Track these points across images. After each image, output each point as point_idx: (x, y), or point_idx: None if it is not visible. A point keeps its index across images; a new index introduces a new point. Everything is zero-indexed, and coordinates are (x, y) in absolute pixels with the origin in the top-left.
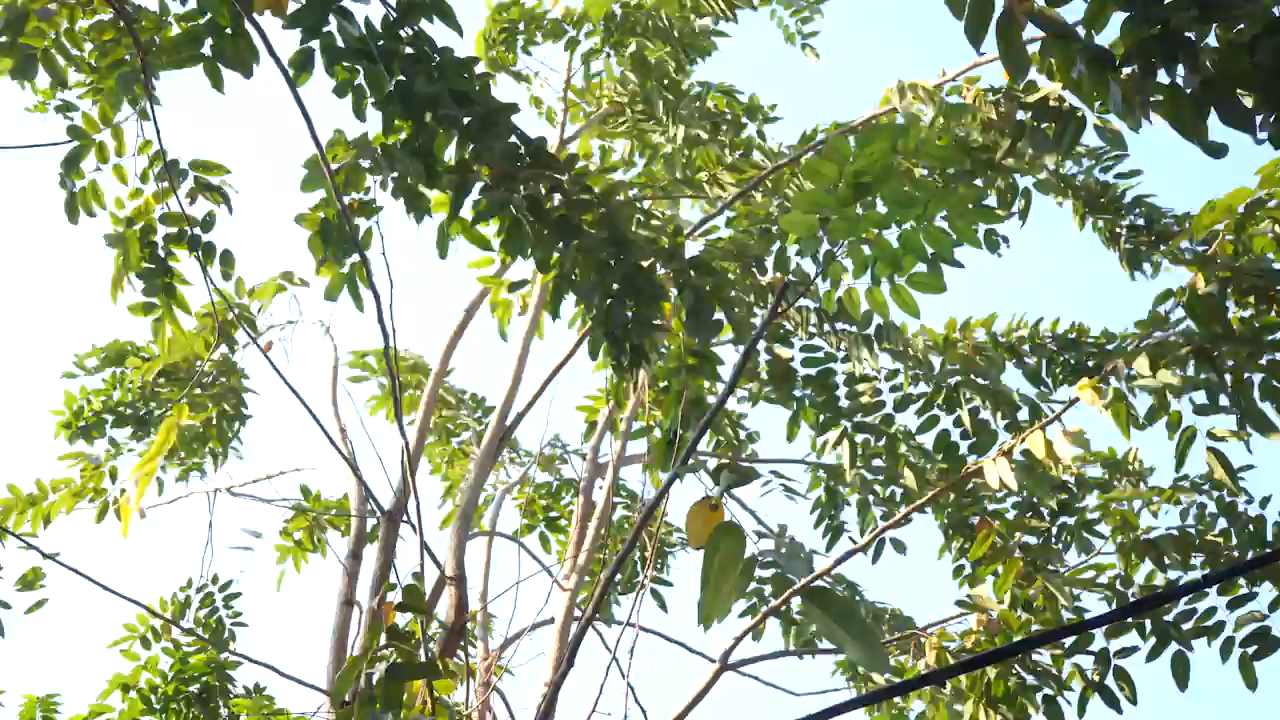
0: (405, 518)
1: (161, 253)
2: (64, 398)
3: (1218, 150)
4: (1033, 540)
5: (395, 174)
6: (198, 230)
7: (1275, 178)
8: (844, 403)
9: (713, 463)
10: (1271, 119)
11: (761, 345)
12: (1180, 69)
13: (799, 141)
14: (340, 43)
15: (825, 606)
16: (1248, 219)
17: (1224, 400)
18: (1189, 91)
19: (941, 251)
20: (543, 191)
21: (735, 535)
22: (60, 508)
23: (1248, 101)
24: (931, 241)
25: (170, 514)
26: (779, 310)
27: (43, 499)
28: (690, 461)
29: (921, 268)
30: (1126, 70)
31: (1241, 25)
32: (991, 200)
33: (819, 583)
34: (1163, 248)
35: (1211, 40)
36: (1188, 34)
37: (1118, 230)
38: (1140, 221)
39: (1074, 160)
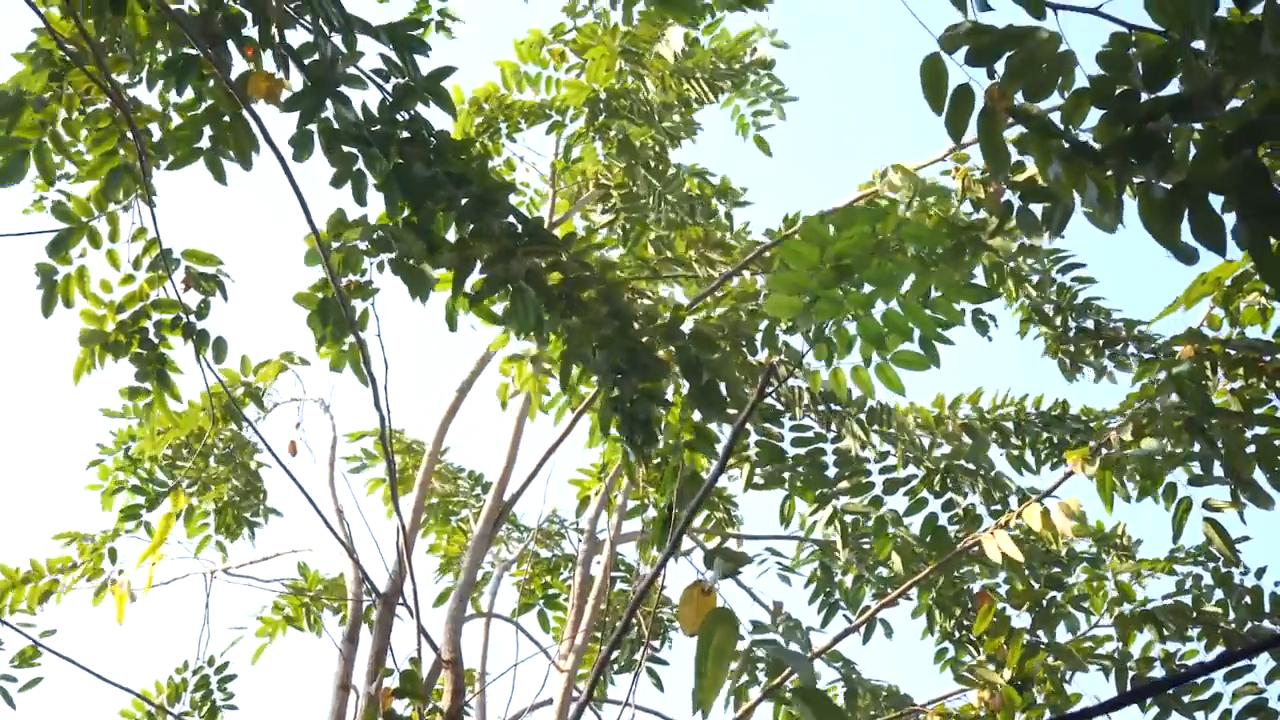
0: (402, 600)
1: (154, 338)
2: (99, 472)
3: (1189, 255)
4: (1027, 615)
5: (395, 254)
6: (192, 318)
7: None
8: (834, 483)
9: (709, 544)
10: (1243, 223)
11: (752, 425)
12: (1155, 169)
13: (783, 224)
14: (337, 127)
15: (809, 702)
16: (1235, 291)
17: (1218, 471)
18: (1163, 193)
19: (926, 331)
20: (542, 267)
21: (728, 623)
22: (56, 587)
23: (1220, 203)
24: (916, 321)
25: (168, 590)
26: (765, 392)
27: (38, 578)
28: (684, 543)
29: (907, 346)
30: (1104, 168)
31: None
32: (980, 277)
33: (812, 660)
34: (1109, 353)
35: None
36: (1163, 134)
37: (1063, 335)
38: (1089, 324)
39: (1032, 257)
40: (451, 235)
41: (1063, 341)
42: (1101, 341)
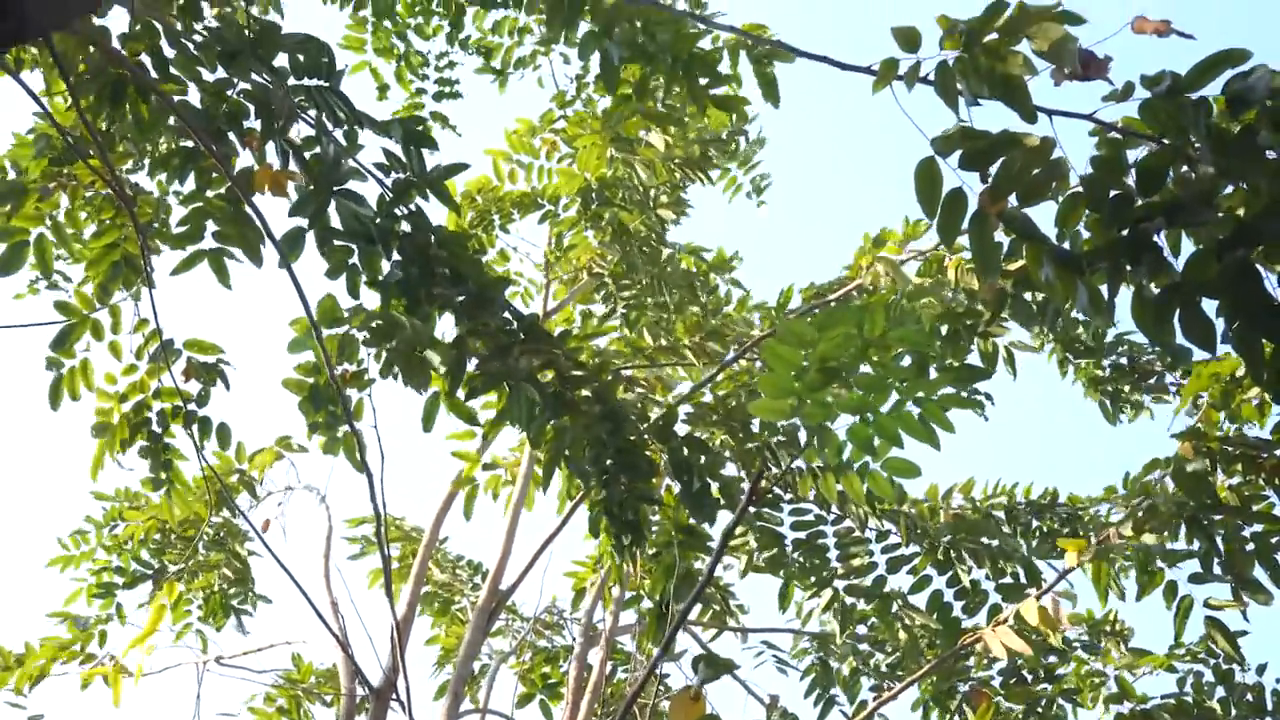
0: (395, 696)
1: (157, 428)
2: (73, 540)
3: (1183, 354)
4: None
5: (394, 343)
6: (193, 406)
7: None
8: (835, 564)
9: (705, 635)
10: (1235, 324)
11: (751, 511)
12: (1147, 273)
13: (775, 305)
14: (336, 224)
15: None
16: (1234, 387)
17: (1217, 567)
18: (1156, 294)
19: (918, 438)
20: (536, 364)
21: None
22: (49, 670)
23: (1212, 307)
24: (905, 427)
25: (159, 678)
26: (755, 498)
27: (31, 660)
28: (681, 634)
29: (897, 452)
30: (1095, 271)
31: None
32: (975, 358)
33: None
34: (1145, 384)
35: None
36: (1155, 238)
37: (1099, 374)
38: (1123, 361)
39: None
40: (444, 331)
41: (1100, 381)
42: (1137, 375)
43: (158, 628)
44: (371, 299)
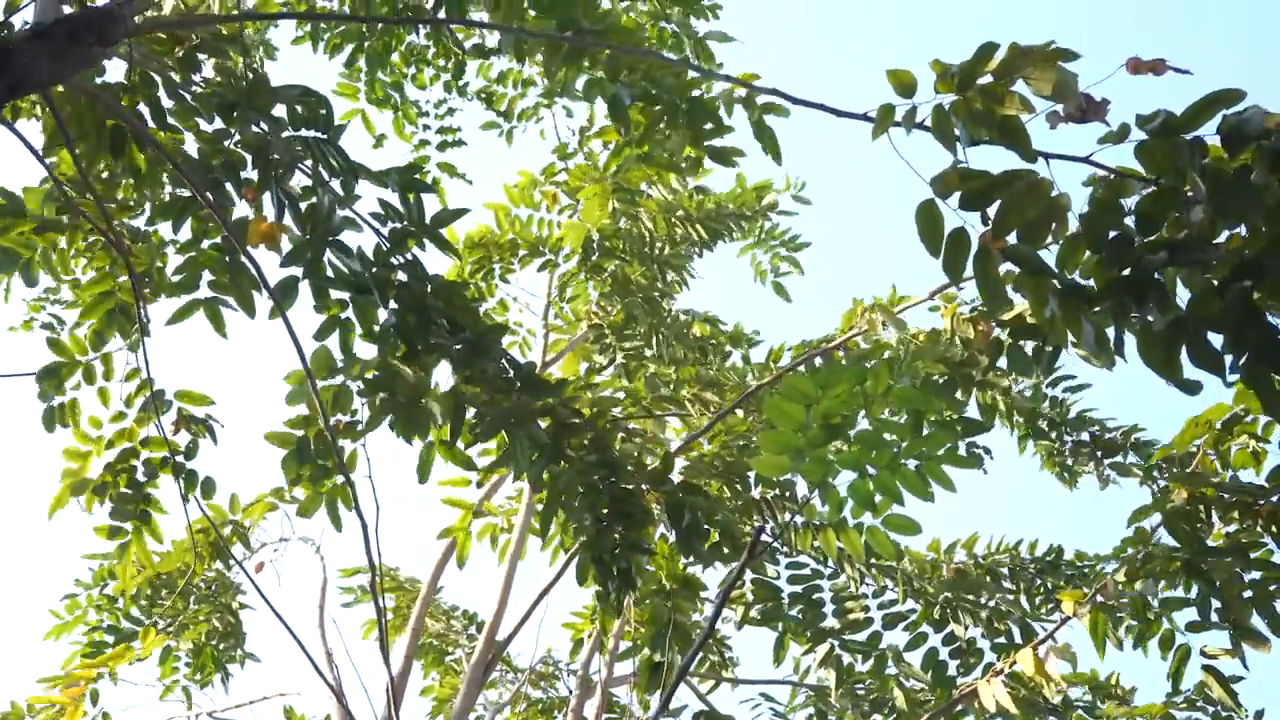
0: None
1: (141, 477)
2: (67, 606)
3: (1191, 387)
4: None
5: (389, 393)
6: (180, 458)
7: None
8: (831, 620)
9: (703, 687)
10: (1242, 359)
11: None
12: (1151, 309)
13: (767, 357)
14: (331, 274)
15: None
16: (1226, 435)
17: (1215, 615)
18: (1161, 330)
19: (918, 495)
20: (533, 412)
21: None
22: None
23: (1218, 341)
24: (906, 485)
25: None
26: (755, 553)
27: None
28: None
29: (897, 508)
30: (1099, 308)
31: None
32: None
33: None
34: (1108, 462)
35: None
36: (1158, 275)
37: (1058, 449)
38: (1084, 437)
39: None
40: (437, 380)
41: (1058, 455)
42: (1100, 452)
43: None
44: (365, 350)
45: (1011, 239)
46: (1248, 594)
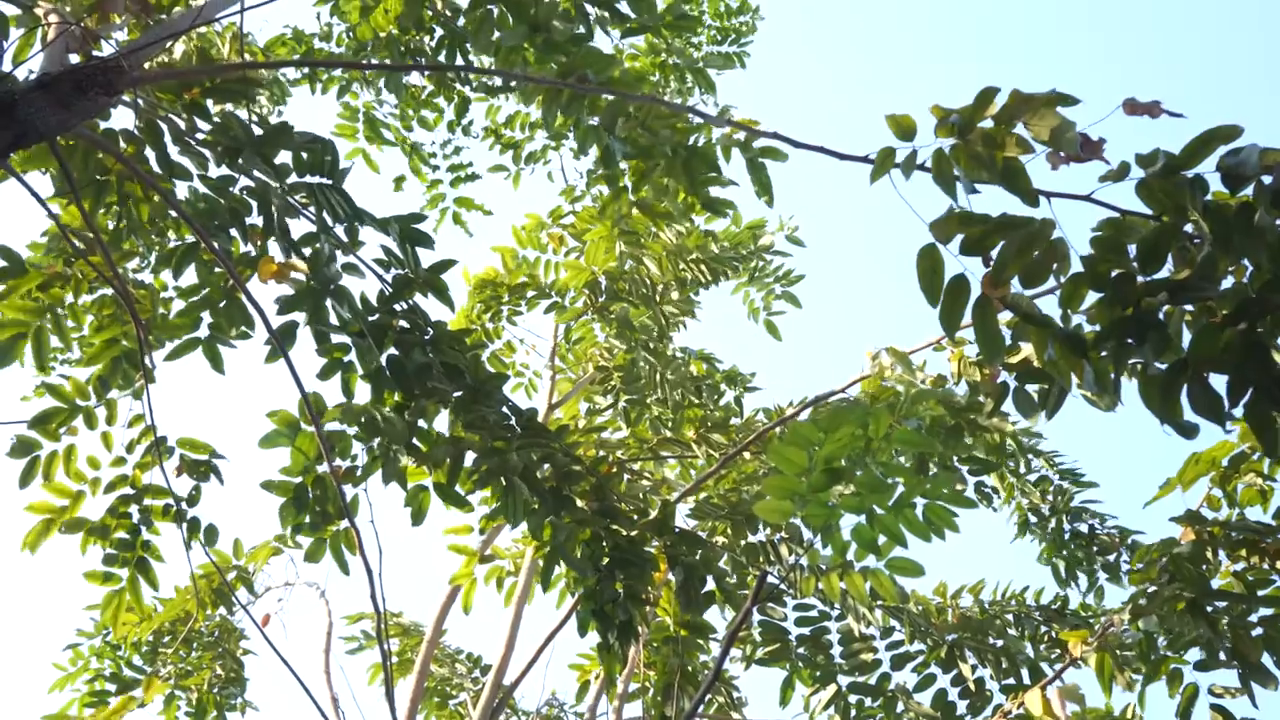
0: None
1: (139, 524)
2: (70, 657)
3: (1189, 431)
4: None
5: (378, 440)
6: (183, 504)
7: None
8: (839, 661)
9: None
10: (1244, 399)
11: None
12: (1152, 351)
13: (774, 411)
14: (334, 319)
15: None
16: (1232, 472)
17: (1223, 653)
18: (1161, 371)
19: (921, 537)
20: (534, 460)
21: None
22: None
23: (1221, 382)
24: (909, 527)
25: None
26: (760, 598)
27: None
28: None
29: (900, 551)
30: (1100, 351)
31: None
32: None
33: None
34: (1101, 562)
35: (1185, 318)
36: (1160, 315)
37: (1058, 539)
38: (1083, 529)
39: (1021, 455)
40: (442, 425)
41: (1058, 545)
42: (1095, 548)
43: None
44: (367, 393)
45: (1015, 284)
46: (1257, 631)
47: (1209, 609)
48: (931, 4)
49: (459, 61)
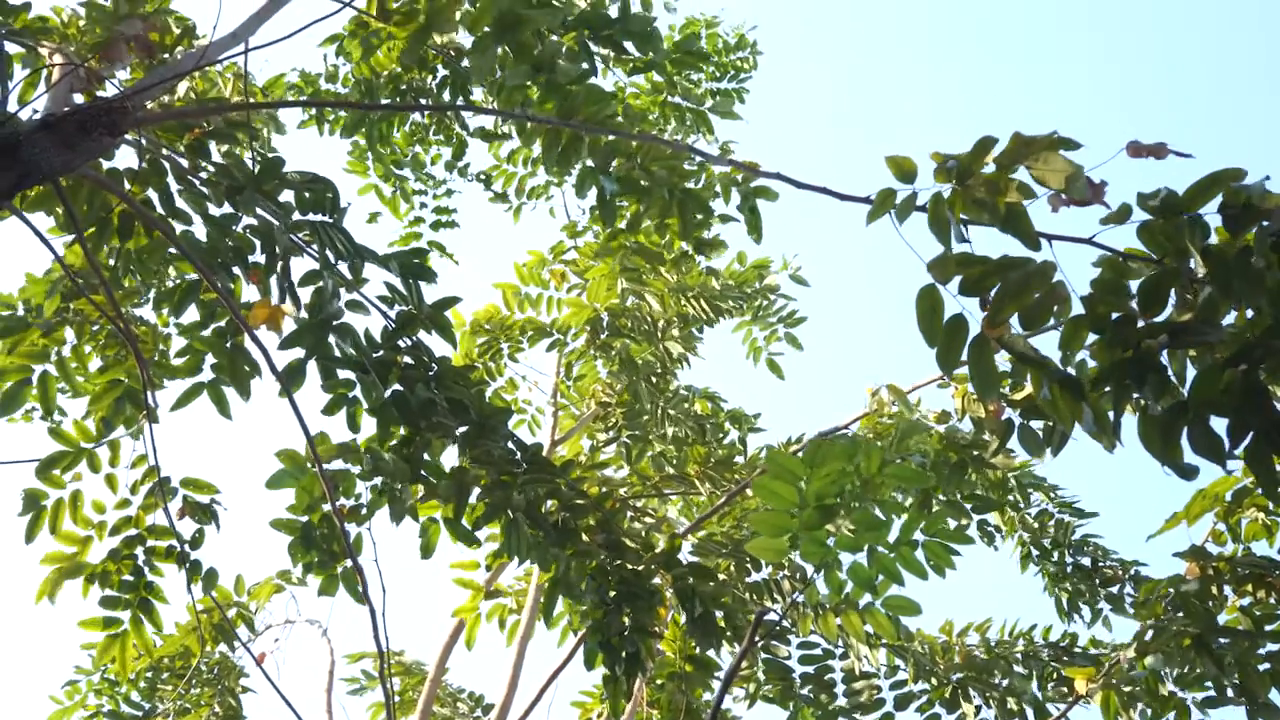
0: None
1: (143, 565)
2: (67, 692)
3: (1189, 473)
4: None
5: (380, 477)
6: (186, 547)
7: None
8: (843, 700)
9: None
10: (1244, 441)
11: (759, 645)
12: (1152, 393)
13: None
14: (337, 354)
15: None
16: (1236, 507)
17: (1230, 690)
18: (1162, 412)
19: (918, 575)
20: (539, 494)
21: None
22: None
23: (1221, 423)
24: (906, 565)
25: None
26: (758, 636)
27: None
28: None
29: (898, 590)
30: (1099, 393)
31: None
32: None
33: None
34: (1104, 594)
35: (1186, 357)
36: (1160, 358)
37: (1060, 571)
38: (1085, 562)
39: (1022, 491)
40: (448, 460)
41: (1060, 578)
42: (1098, 580)
43: None
44: (372, 428)
45: (1013, 322)
46: (1264, 667)
47: (1215, 645)
48: (929, 22)
49: (460, 101)
